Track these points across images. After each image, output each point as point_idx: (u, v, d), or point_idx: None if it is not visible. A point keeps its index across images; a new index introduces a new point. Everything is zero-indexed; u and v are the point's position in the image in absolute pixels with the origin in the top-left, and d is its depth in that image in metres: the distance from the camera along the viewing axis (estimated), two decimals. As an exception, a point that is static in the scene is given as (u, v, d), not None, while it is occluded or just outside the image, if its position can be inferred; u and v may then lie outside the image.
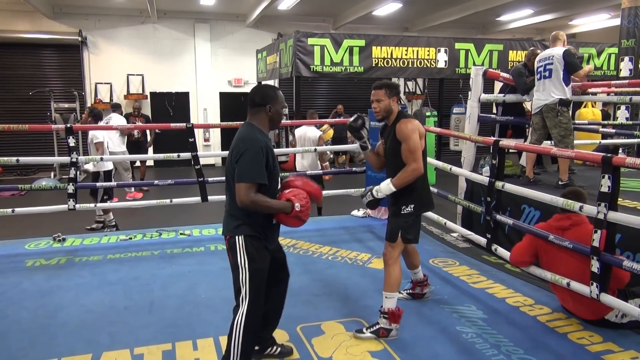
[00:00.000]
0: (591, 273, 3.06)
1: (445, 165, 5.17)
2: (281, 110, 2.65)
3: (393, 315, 3.17)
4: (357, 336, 3.16)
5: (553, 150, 3.74)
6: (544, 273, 3.48)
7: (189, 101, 12.69)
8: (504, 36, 13.00)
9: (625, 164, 2.85)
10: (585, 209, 3.19)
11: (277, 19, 12.64)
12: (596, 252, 3.02)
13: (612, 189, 2.93)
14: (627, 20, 7.06)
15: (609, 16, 12.00)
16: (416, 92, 13.92)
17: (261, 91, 2.64)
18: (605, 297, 3.05)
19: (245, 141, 2.48)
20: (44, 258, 4.75)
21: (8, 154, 7.49)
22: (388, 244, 3.28)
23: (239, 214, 2.54)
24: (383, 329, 3.16)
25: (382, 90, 3.23)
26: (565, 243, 3.24)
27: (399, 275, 3.23)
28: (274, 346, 2.96)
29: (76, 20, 11.66)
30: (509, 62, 8.84)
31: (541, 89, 4.90)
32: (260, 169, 2.45)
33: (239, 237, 2.54)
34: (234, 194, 2.48)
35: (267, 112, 2.58)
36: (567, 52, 4.76)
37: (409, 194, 3.21)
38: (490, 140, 4.24)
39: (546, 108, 4.84)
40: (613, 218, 2.96)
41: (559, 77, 4.76)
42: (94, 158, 5.86)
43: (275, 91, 2.65)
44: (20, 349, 3.04)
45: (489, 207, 4.22)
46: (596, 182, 3.06)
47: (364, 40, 8.03)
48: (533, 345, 3.09)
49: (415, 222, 3.31)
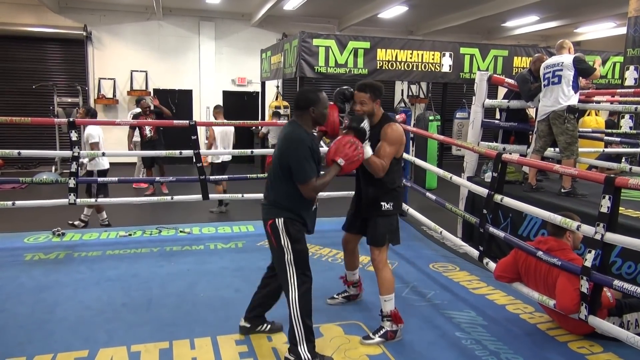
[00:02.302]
0: (580, 294, 2.97)
1: (445, 173, 5.06)
2: (324, 110, 2.90)
3: (396, 317, 3.21)
4: (365, 343, 3.15)
5: (556, 167, 3.60)
6: (532, 292, 3.39)
7: (192, 99, 12.68)
8: (509, 42, 12.98)
9: (629, 185, 2.79)
10: (582, 229, 3.09)
11: (282, 19, 12.63)
12: (587, 272, 2.91)
13: (612, 210, 2.85)
14: (634, 29, 7.03)
15: (614, 25, 11.98)
16: (420, 95, 13.91)
17: (304, 95, 2.93)
18: (593, 320, 2.95)
19: (292, 142, 2.78)
20: (43, 252, 4.74)
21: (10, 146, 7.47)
22: (375, 249, 3.30)
23: (281, 203, 2.84)
24: (390, 332, 3.19)
25: (366, 94, 3.21)
26: (553, 260, 3.12)
27: (392, 277, 3.29)
28: (265, 324, 3.21)
29: (81, 15, 11.66)
30: (514, 68, 8.82)
31: (548, 95, 4.85)
32: (311, 166, 2.77)
33: (279, 220, 2.82)
34: (280, 186, 2.82)
35: (310, 113, 2.85)
36: (577, 59, 4.72)
37: (389, 192, 3.27)
38: (493, 154, 4.12)
39: (553, 115, 4.78)
40: (610, 239, 2.87)
41: (568, 84, 4.71)
42: (96, 153, 5.83)
43: (317, 94, 2.89)
44: (17, 344, 3.02)
45: (484, 219, 4.09)
46: (599, 191, 3.02)
47: (369, 42, 8.02)
48: (533, 354, 3.07)
49: (397, 223, 3.37)
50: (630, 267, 3.69)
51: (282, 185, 2.84)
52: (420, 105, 13.85)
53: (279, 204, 2.85)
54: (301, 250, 2.86)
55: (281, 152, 2.82)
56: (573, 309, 3.02)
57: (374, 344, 3.13)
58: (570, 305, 3.03)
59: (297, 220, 2.85)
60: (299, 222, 2.86)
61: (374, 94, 3.23)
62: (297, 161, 2.74)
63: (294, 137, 2.80)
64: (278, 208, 2.85)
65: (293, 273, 2.83)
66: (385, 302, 3.22)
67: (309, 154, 2.75)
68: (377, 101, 3.25)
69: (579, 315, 3.01)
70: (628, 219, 3.81)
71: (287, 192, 2.83)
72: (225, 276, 4.23)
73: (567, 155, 4.75)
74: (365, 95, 3.21)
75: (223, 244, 5.12)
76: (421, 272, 4.41)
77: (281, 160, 2.80)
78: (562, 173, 3.94)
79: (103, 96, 11.86)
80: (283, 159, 2.80)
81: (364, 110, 3.21)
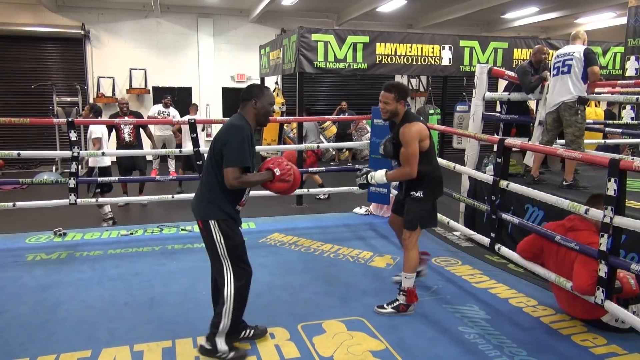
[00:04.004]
0: (598, 278, 3.00)
1: (449, 163, 5.12)
2: (268, 106, 2.91)
3: (411, 294, 3.46)
4: (378, 311, 3.45)
5: (559, 151, 3.67)
6: (549, 274, 3.44)
7: (191, 96, 12.64)
8: (508, 34, 12.90)
9: (634, 167, 2.79)
10: (590, 213, 3.13)
11: (280, 14, 12.58)
12: (604, 256, 2.95)
13: (619, 193, 2.88)
14: (634, 19, 6.99)
15: (615, 15, 11.91)
16: (420, 89, 13.86)
17: (249, 88, 2.94)
18: (609, 305, 2.97)
19: (231, 128, 2.78)
20: (44, 252, 4.74)
21: (10, 147, 7.46)
22: (406, 231, 3.53)
23: (212, 198, 2.81)
24: (403, 305, 3.45)
25: (391, 94, 3.41)
26: (571, 244, 3.19)
27: (417, 258, 3.54)
28: (247, 329, 3.10)
29: (79, 13, 11.61)
30: (514, 61, 8.76)
31: (558, 86, 4.75)
32: (245, 153, 2.74)
33: (211, 222, 2.80)
34: (214, 177, 2.78)
35: (252, 106, 2.87)
36: (588, 50, 4.64)
37: (418, 181, 3.46)
38: (495, 139, 4.19)
39: (564, 106, 4.68)
40: (619, 222, 2.90)
41: (577, 75, 4.61)
42: (96, 153, 5.82)
43: (262, 89, 2.94)
44: (20, 344, 3.02)
45: (494, 205, 4.18)
46: (600, 182, 3.01)
47: (368, 36, 7.97)
48: (536, 347, 3.06)
49: (431, 208, 3.58)
50: (634, 259, 3.67)
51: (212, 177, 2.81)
52: (421, 99, 13.81)
53: (210, 197, 2.81)
54: (234, 245, 2.83)
55: (217, 138, 2.79)
56: (588, 290, 3.06)
57: (385, 313, 3.43)
58: (585, 286, 3.06)
59: (228, 218, 2.82)
60: (230, 219, 2.83)
61: (399, 94, 3.42)
62: (231, 146, 2.71)
63: (234, 124, 2.79)
64: (209, 203, 2.81)
65: (229, 266, 2.83)
66: (405, 279, 3.49)
67: (245, 141, 2.73)
68: (401, 101, 3.43)
69: (594, 300, 3.03)
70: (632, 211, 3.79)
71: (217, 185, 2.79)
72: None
73: (573, 149, 4.70)
74: (390, 95, 3.41)
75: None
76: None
77: (215, 147, 2.77)
78: (566, 157, 3.94)
79: (102, 95, 11.83)
80: (217, 145, 2.76)
81: (387, 109, 3.44)
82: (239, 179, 2.72)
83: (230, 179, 2.72)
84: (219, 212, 2.80)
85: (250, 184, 2.85)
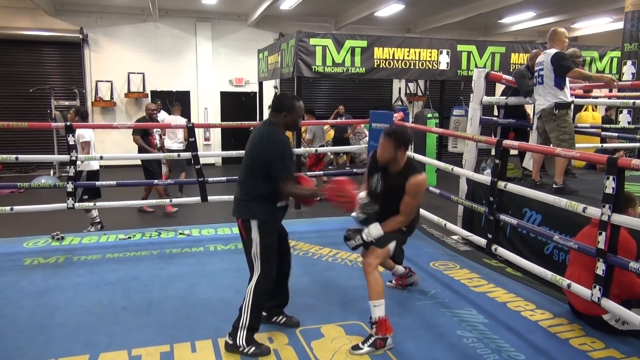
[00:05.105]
0: (595, 275, 3.03)
1: (447, 165, 5.14)
2: (298, 119, 3.08)
3: (383, 325, 3.05)
4: (354, 353, 2.98)
5: (557, 151, 3.69)
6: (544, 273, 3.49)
7: (189, 100, 12.66)
8: (506, 38, 12.97)
9: (631, 165, 2.82)
10: (588, 211, 3.17)
11: (278, 18, 12.61)
12: (602, 254, 2.99)
13: (617, 191, 2.91)
14: (631, 24, 7.03)
15: (611, 20, 11.98)
16: (417, 93, 13.89)
17: (279, 99, 3.13)
18: (606, 302, 3.02)
19: (275, 141, 2.94)
20: (42, 256, 4.73)
21: (8, 151, 7.44)
22: (373, 251, 3.22)
23: (254, 200, 2.98)
24: (379, 340, 3.03)
25: (390, 142, 3.16)
26: (570, 243, 3.22)
27: (382, 281, 3.16)
28: (280, 315, 3.31)
29: (77, 17, 11.62)
30: (511, 65, 8.79)
31: (538, 94, 4.88)
32: (292, 167, 3.05)
33: (252, 221, 2.97)
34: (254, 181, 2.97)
35: (282, 118, 3.03)
36: (555, 56, 4.62)
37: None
38: (493, 140, 4.21)
39: (544, 113, 4.79)
40: (617, 220, 2.93)
41: (550, 83, 4.69)
42: (93, 157, 5.81)
43: (293, 101, 3.06)
44: (18, 349, 3.01)
45: (492, 206, 4.19)
46: (599, 186, 3.03)
47: (366, 41, 7.99)
48: (535, 351, 3.06)
49: (405, 241, 3.44)
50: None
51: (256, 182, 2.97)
52: (418, 103, 13.84)
53: (252, 199, 2.99)
54: (267, 245, 2.99)
55: (255, 144, 2.98)
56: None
57: (363, 354, 2.98)
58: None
59: (267, 219, 2.99)
60: (269, 220, 3.01)
61: (398, 142, 3.16)
62: (279, 159, 2.91)
63: (275, 137, 2.97)
64: (251, 204, 2.99)
65: (258, 266, 3.00)
66: (375, 308, 3.08)
67: (290, 155, 2.99)
68: (401, 149, 3.17)
69: (591, 297, 3.05)
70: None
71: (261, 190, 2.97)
72: (225, 277, 4.22)
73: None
74: (389, 143, 3.16)
75: (223, 246, 5.11)
76: (422, 270, 4.39)
77: (253, 153, 2.98)
78: (564, 156, 3.97)
79: (100, 99, 11.83)
80: (255, 150, 2.97)
81: (383, 156, 3.20)
82: (288, 190, 2.97)
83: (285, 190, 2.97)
84: (258, 213, 2.98)
85: (295, 195, 3.10)
